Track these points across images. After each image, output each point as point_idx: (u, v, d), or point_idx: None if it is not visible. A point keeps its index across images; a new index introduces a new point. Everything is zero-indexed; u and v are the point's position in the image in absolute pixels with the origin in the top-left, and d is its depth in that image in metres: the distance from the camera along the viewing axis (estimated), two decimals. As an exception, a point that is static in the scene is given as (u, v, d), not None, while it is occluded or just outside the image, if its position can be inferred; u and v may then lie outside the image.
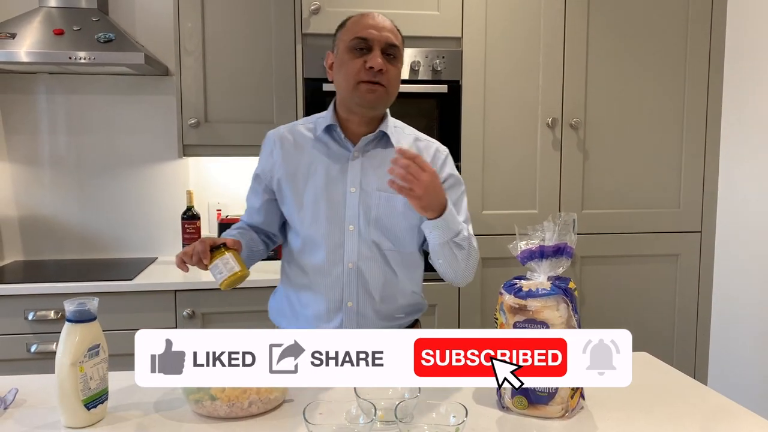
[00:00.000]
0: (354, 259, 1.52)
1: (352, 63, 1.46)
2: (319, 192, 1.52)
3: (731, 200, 2.59)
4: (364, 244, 1.51)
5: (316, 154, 1.55)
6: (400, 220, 1.52)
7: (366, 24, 1.48)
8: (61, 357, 1.09)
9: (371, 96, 1.46)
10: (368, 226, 1.51)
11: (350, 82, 1.46)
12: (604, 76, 2.54)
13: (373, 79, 1.45)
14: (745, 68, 2.50)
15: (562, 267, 1.19)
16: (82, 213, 2.76)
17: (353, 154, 1.53)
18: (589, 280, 2.61)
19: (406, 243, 1.55)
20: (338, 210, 1.51)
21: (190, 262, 1.37)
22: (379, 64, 1.44)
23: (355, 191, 1.51)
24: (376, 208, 1.51)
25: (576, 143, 2.54)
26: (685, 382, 1.38)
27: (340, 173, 1.52)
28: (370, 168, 1.53)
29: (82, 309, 1.10)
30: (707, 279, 2.68)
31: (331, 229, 1.51)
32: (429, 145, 1.61)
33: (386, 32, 1.48)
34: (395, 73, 1.50)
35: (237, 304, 2.36)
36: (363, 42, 1.46)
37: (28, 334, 2.25)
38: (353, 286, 1.52)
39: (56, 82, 2.70)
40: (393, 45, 1.48)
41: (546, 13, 2.48)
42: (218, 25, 2.45)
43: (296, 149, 1.56)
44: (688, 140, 2.61)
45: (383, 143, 1.56)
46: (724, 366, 2.63)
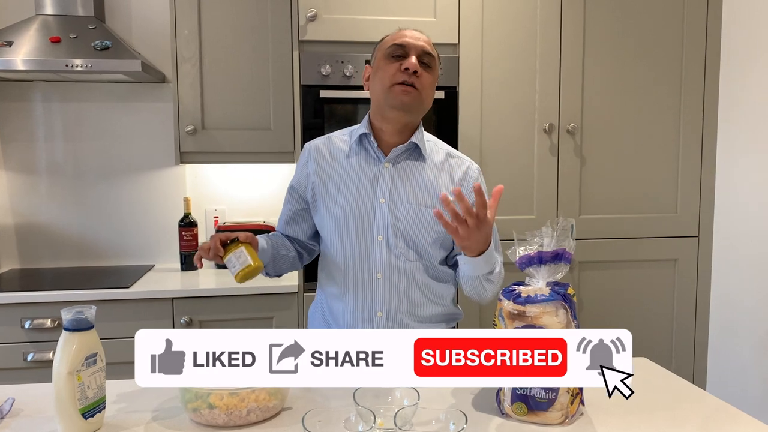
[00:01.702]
0: (382, 269, 1.53)
1: (389, 67, 1.50)
2: (350, 202, 1.54)
3: (728, 205, 2.59)
4: (392, 254, 1.53)
5: (349, 164, 1.57)
6: (426, 233, 1.53)
7: (403, 34, 1.54)
8: (58, 366, 1.08)
9: (406, 97, 1.48)
10: (396, 237, 1.53)
11: (385, 84, 1.49)
12: (601, 82, 2.54)
13: (407, 80, 1.47)
14: (742, 75, 2.51)
15: (560, 273, 1.19)
16: (79, 220, 2.76)
17: (384, 165, 1.55)
18: (587, 286, 2.60)
19: (431, 256, 1.56)
20: (368, 220, 1.53)
21: (206, 257, 1.42)
22: (414, 65, 1.47)
23: (385, 202, 1.53)
24: (404, 220, 1.53)
25: (573, 149, 2.55)
26: (684, 386, 1.38)
27: (371, 183, 1.54)
28: (400, 179, 1.55)
29: (80, 317, 1.09)
30: (705, 284, 2.68)
31: (360, 239, 1.53)
32: (461, 162, 1.62)
33: (422, 42, 1.52)
34: (430, 81, 1.52)
35: (235, 311, 2.35)
36: (400, 48, 1.50)
37: (25, 343, 2.24)
38: (382, 296, 1.53)
39: (53, 90, 2.69)
40: (428, 53, 1.51)
41: (542, 19, 2.49)
42: (215, 32, 2.46)
43: (330, 160, 1.59)
44: (685, 145, 2.62)
45: (415, 155, 1.57)
46: (722, 370, 2.63)
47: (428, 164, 1.57)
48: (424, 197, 1.54)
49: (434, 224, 1.52)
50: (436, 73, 1.56)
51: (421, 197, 1.54)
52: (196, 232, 2.69)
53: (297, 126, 2.44)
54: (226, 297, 2.34)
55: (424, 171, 1.56)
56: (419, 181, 1.55)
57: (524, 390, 1.15)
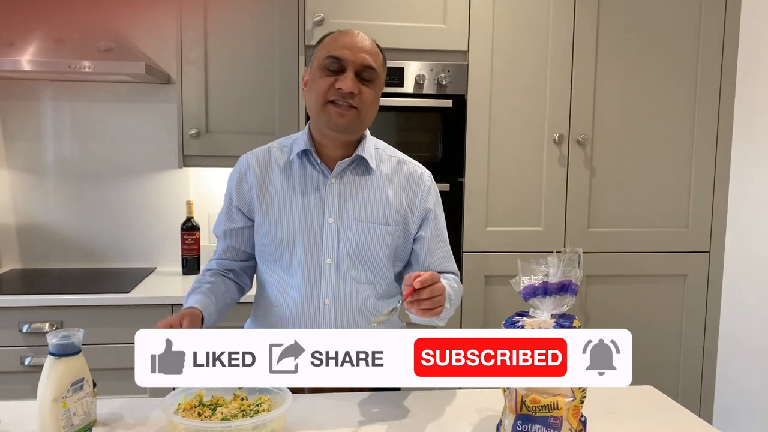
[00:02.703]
0: (331, 294, 1.44)
1: (322, 81, 1.38)
2: (295, 222, 1.44)
3: (741, 220, 2.53)
4: (341, 278, 1.44)
5: (290, 182, 1.46)
6: (381, 251, 1.45)
7: (342, 43, 1.40)
8: (43, 392, 1.05)
9: (341, 120, 1.38)
10: (347, 259, 1.44)
11: (318, 101, 1.39)
12: (613, 93, 2.49)
13: (342, 101, 1.37)
14: (758, 88, 2.44)
15: (566, 305, 1.14)
16: (81, 221, 2.73)
17: (330, 180, 1.45)
18: (594, 300, 2.55)
19: (385, 274, 1.49)
20: (315, 242, 1.43)
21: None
22: (348, 86, 1.36)
23: (333, 222, 1.44)
24: (356, 240, 1.44)
25: (583, 160, 2.49)
26: (690, 419, 1.33)
27: (317, 202, 1.44)
28: (348, 195, 1.45)
29: (66, 342, 1.06)
30: (715, 300, 2.62)
31: (308, 263, 1.43)
32: (413, 170, 1.53)
33: (363, 53, 1.39)
34: (371, 96, 1.41)
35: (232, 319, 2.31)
36: (336, 61, 1.38)
37: (23, 347, 2.22)
38: (329, 323, 1.44)
39: (56, 89, 2.66)
40: (369, 67, 1.39)
41: (554, 27, 2.43)
42: (220, 34, 2.41)
43: (270, 178, 1.48)
44: (698, 159, 2.56)
45: (362, 168, 1.48)
46: (731, 389, 2.58)
47: (376, 176, 1.47)
48: (374, 213, 1.45)
49: (387, 239, 1.44)
50: (380, 84, 1.45)
51: (371, 213, 1.45)
52: (198, 235, 2.66)
53: (302, 131, 2.40)
54: (226, 304, 2.30)
55: (372, 184, 1.47)
56: (368, 196, 1.45)
57: (525, 427, 1.10)
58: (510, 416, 1.13)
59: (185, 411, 1.15)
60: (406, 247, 1.51)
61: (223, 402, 1.20)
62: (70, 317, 2.23)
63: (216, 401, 1.20)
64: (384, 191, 1.47)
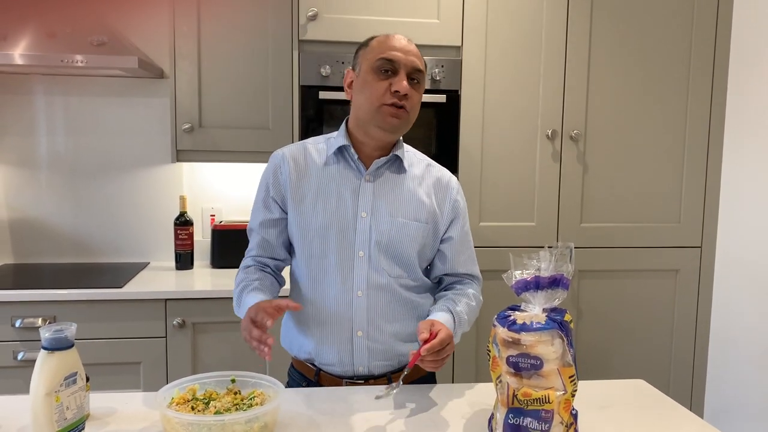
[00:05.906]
0: (363, 287, 1.47)
1: (377, 84, 1.42)
2: (329, 215, 1.47)
3: (733, 216, 2.55)
4: (373, 270, 1.47)
5: (326, 175, 1.50)
6: (410, 246, 1.49)
7: (392, 45, 1.44)
8: (36, 386, 1.05)
9: (395, 121, 1.42)
10: (378, 253, 1.47)
11: (373, 104, 1.42)
12: (606, 88, 2.49)
13: (398, 103, 1.41)
14: (750, 84, 2.46)
15: (558, 299, 1.15)
16: (74, 216, 2.72)
17: (365, 177, 1.49)
18: (586, 294, 2.57)
19: (414, 269, 1.52)
20: (348, 235, 1.47)
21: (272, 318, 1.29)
22: (405, 88, 1.40)
23: (367, 216, 1.47)
24: (388, 234, 1.47)
25: (576, 155, 2.50)
26: (680, 413, 1.35)
27: (351, 197, 1.48)
28: (382, 192, 1.49)
29: (59, 336, 1.06)
30: (706, 295, 2.64)
31: (340, 255, 1.47)
32: (442, 173, 1.58)
33: (412, 56, 1.44)
34: (418, 99, 1.47)
35: (228, 314, 2.30)
36: (389, 64, 1.42)
37: (15, 342, 2.21)
38: (362, 315, 1.47)
39: (49, 83, 2.65)
40: (419, 70, 1.45)
41: (548, 23, 2.43)
42: (214, 29, 2.41)
43: (306, 170, 1.51)
44: (690, 154, 2.57)
45: (396, 167, 1.52)
46: (721, 382, 2.60)
47: (409, 176, 1.53)
48: (407, 210, 1.50)
49: (418, 236, 1.49)
50: (424, 86, 1.50)
51: (403, 210, 1.49)
52: (191, 230, 2.65)
53: (295, 126, 2.40)
54: (219, 299, 2.30)
55: (405, 183, 1.51)
56: (401, 194, 1.50)
57: (517, 420, 1.11)
58: (502, 409, 1.14)
59: (178, 405, 1.16)
60: (433, 246, 1.55)
61: (216, 396, 1.21)
62: (63, 312, 2.22)
63: (209, 395, 1.21)
64: (416, 190, 1.52)
